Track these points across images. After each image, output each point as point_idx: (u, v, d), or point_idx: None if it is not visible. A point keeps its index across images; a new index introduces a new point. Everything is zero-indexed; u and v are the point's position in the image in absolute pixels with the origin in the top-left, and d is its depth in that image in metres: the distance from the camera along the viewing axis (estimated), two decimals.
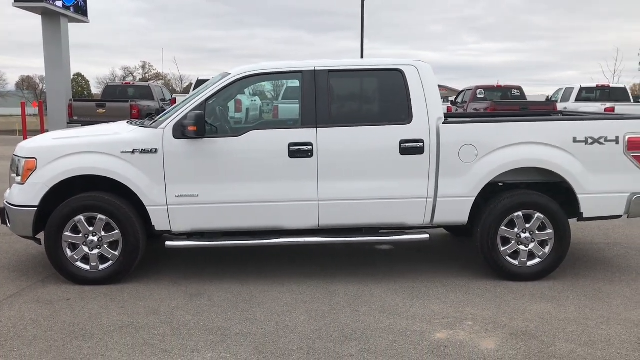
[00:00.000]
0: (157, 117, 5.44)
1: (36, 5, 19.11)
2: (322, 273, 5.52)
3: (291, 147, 5.04)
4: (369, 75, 5.51)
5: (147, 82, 35.11)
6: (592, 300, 4.81)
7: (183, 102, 5.33)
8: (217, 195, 5.06)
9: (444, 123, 5.17)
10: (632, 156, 5.23)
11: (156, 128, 5.10)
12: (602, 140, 5.20)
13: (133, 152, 5.01)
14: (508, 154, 5.13)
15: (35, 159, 5.05)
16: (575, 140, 5.17)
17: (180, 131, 4.97)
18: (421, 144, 5.10)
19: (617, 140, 5.21)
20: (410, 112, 5.15)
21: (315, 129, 5.08)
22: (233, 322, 4.33)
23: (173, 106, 5.51)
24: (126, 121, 5.95)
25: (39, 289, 5.04)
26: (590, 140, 5.18)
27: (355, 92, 5.69)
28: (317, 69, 5.20)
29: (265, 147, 5.09)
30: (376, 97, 5.61)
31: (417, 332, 4.16)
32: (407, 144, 5.10)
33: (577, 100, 18.21)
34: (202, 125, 4.90)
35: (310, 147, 5.05)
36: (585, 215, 5.29)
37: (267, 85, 7.68)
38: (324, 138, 5.07)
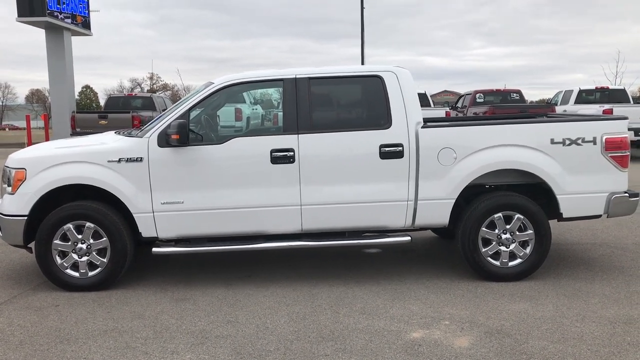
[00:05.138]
0: (144, 127, 5.58)
1: (39, 19, 19.37)
2: (306, 276, 5.61)
3: (273, 154, 5.16)
4: (349, 82, 5.62)
5: (155, 92, 35.41)
6: (570, 298, 4.86)
7: (168, 111, 5.47)
8: (202, 201, 5.18)
9: (422, 127, 5.26)
10: (610, 156, 5.29)
11: (142, 137, 5.23)
12: (579, 141, 5.27)
13: (119, 161, 5.14)
14: (486, 157, 5.21)
15: (25, 169, 5.20)
16: (552, 142, 5.25)
17: (164, 140, 5.10)
18: (400, 148, 5.20)
19: (594, 141, 5.28)
20: (390, 117, 5.25)
21: (296, 135, 5.19)
22: (215, 325, 4.43)
23: (158, 115, 5.64)
24: (114, 131, 6.09)
25: (29, 296, 5.17)
26: (567, 142, 5.26)
27: (336, 98, 5.79)
28: (297, 76, 5.32)
29: (247, 153, 5.20)
30: (356, 103, 5.72)
31: (394, 332, 4.24)
32: (386, 149, 5.19)
33: (576, 102, 18.21)
34: (184, 134, 5.02)
35: (292, 153, 5.16)
36: (565, 216, 5.36)
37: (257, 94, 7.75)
38: (305, 144, 5.18)
